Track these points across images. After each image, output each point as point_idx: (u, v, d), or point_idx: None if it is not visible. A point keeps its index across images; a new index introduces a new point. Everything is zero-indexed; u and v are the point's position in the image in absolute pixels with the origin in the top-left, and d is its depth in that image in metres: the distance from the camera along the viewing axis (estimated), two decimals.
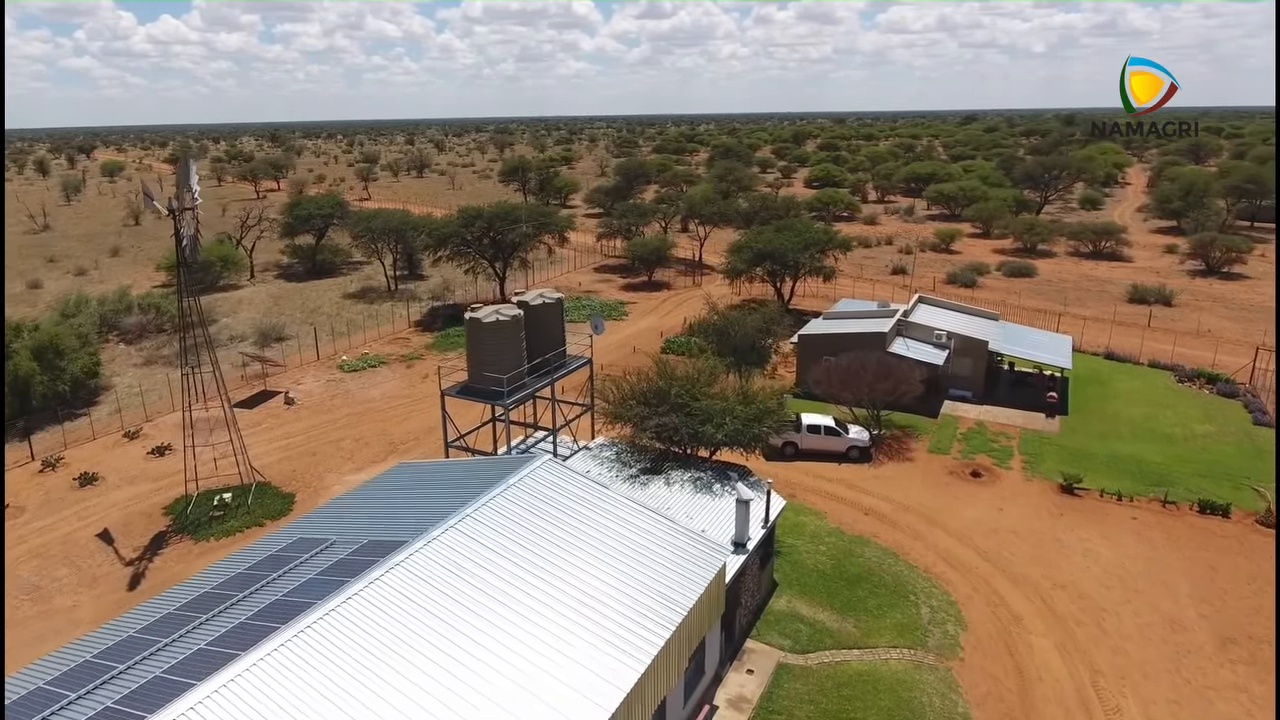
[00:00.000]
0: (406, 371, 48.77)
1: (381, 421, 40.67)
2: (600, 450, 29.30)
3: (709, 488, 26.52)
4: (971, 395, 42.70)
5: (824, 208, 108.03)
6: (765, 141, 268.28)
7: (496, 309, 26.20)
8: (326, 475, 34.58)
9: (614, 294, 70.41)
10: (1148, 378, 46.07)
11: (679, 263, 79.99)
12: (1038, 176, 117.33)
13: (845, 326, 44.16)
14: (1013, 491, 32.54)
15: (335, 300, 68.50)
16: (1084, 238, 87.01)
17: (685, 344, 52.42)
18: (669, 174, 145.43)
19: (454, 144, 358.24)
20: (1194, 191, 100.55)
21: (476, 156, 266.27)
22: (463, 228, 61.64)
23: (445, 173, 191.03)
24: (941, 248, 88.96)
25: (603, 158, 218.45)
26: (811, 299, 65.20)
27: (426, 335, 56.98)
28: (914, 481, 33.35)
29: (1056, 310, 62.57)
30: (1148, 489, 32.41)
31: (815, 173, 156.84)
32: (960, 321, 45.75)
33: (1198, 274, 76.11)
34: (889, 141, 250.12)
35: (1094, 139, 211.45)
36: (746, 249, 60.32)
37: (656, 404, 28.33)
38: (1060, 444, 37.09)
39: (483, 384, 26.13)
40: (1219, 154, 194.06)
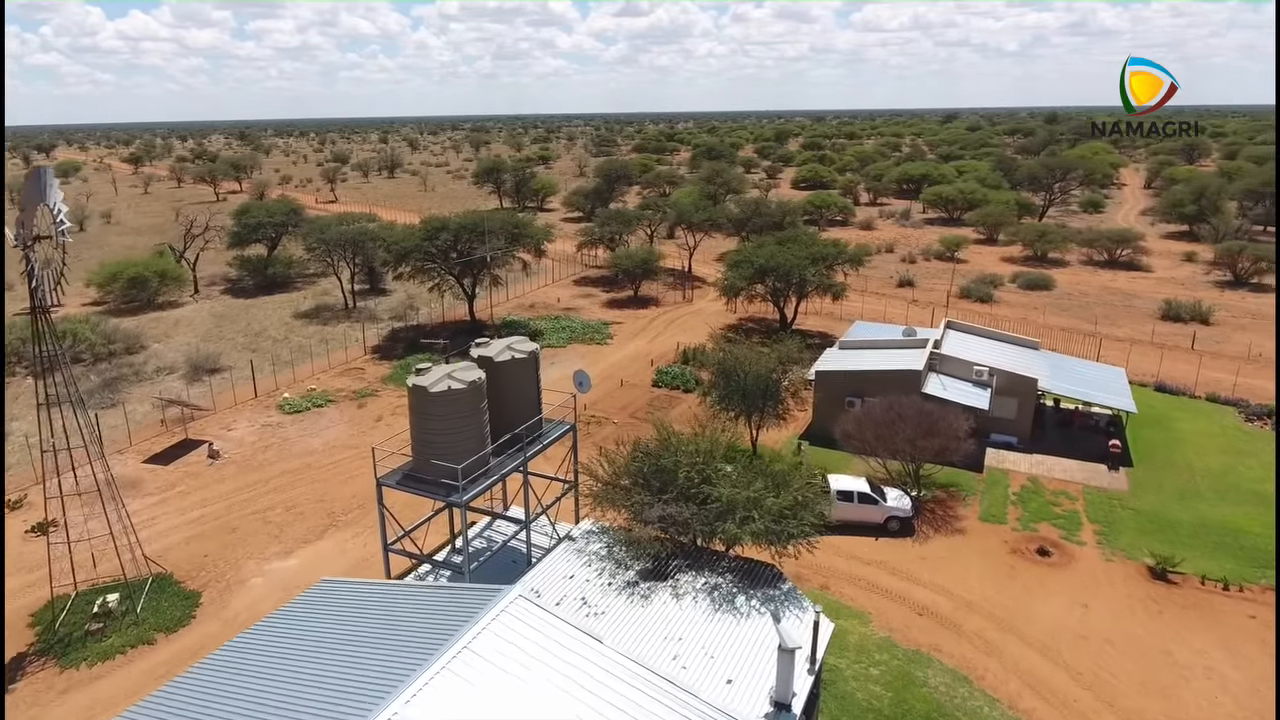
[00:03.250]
0: (357, 413, 41.96)
1: (322, 481, 33.89)
2: (586, 542, 22.86)
3: (730, 602, 20.18)
4: (1017, 442, 36.71)
5: (817, 211, 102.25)
6: (747, 140, 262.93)
7: (449, 372, 19.66)
8: (245, 563, 27.79)
9: (596, 311, 63.89)
10: (1211, 416, 40.35)
11: (667, 273, 73.64)
12: (1041, 178, 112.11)
13: (870, 361, 38.00)
14: (1093, 577, 26.50)
15: (285, 320, 61.36)
16: (1099, 245, 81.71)
17: (680, 375, 46.10)
18: (651, 174, 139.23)
19: (429, 143, 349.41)
20: (1206, 195, 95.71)
21: (451, 156, 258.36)
22: (426, 241, 54.83)
23: (418, 173, 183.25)
24: (947, 256, 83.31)
25: (581, 157, 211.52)
26: (816, 317, 59.14)
27: (384, 364, 50.15)
28: (971, 564, 27.21)
29: (1086, 330, 56.98)
30: (1255, 572, 26.53)
31: (803, 173, 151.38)
32: (999, 353, 39.77)
33: (1225, 285, 70.97)
34: (873, 141, 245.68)
35: (1083, 138, 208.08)
36: (746, 264, 54.07)
37: (659, 488, 21.95)
38: (1133, 507, 31.15)
39: (431, 472, 19.65)
40: (1209, 153, 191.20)
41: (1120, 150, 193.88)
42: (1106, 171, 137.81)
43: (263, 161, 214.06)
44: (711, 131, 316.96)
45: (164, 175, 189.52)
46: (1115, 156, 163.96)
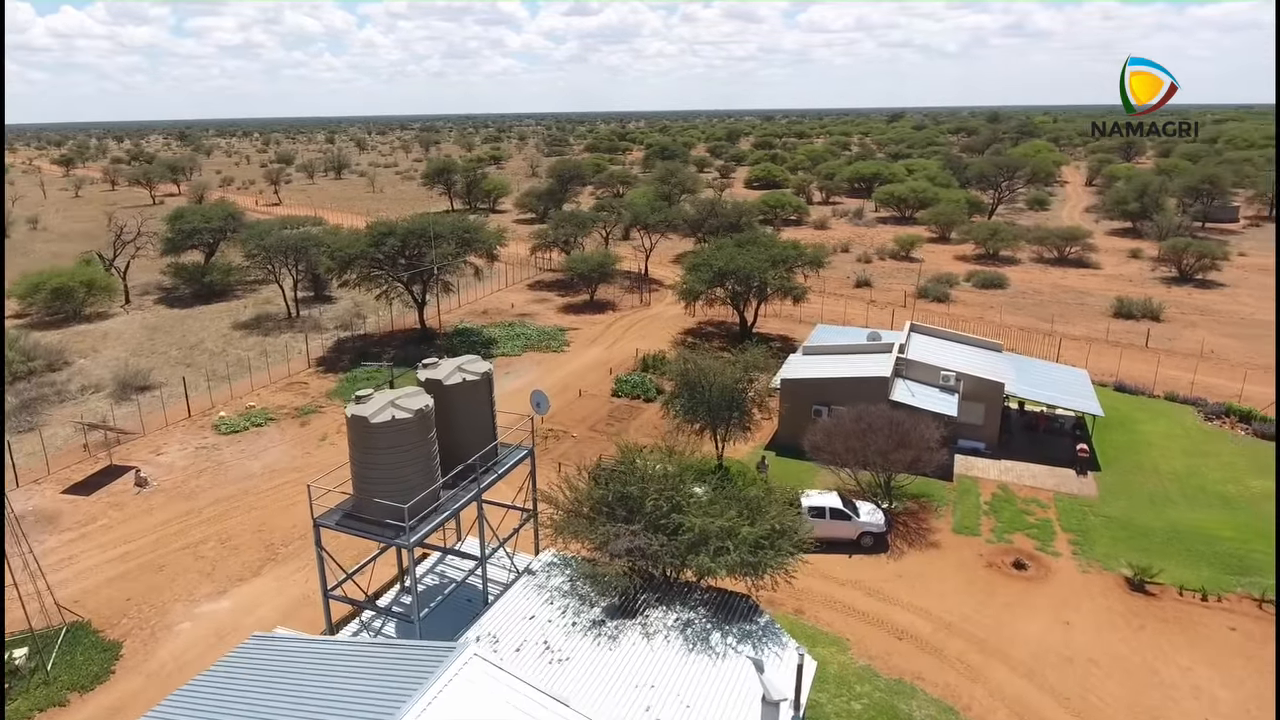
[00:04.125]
0: (300, 432, 39.54)
1: (260, 510, 31.54)
2: (548, 575, 21.23)
3: (705, 640, 18.76)
4: (985, 448, 36.09)
5: (772, 210, 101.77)
6: (699, 139, 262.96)
7: (393, 400, 17.83)
8: (172, 606, 25.44)
9: (552, 317, 62.07)
10: (1172, 416, 40.35)
11: (623, 276, 72.12)
12: (990, 176, 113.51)
13: (836, 367, 37.02)
14: (1071, 590, 25.78)
15: (223, 332, 58.21)
16: (1049, 243, 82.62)
17: (640, 383, 44.63)
18: (604, 174, 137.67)
19: (377, 143, 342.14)
20: (1149, 192, 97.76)
21: (400, 156, 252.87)
22: (372, 247, 52.36)
23: (366, 174, 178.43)
24: (902, 255, 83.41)
25: (533, 157, 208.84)
26: (776, 320, 58.24)
27: (329, 378, 47.65)
28: (948, 581, 26.28)
29: (1043, 329, 57.13)
30: (1230, 580, 26.11)
31: (755, 172, 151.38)
32: (964, 356, 39.15)
33: (1171, 282, 72.17)
34: (823, 140, 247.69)
35: (1025, 137, 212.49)
36: (705, 267, 52.80)
37: (626, 517, 20.42)
38: (1105, 513, 30.65)
39: (375, 511, 17.81)
40: (1144, 151, 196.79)
41: (1061, 148, 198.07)
42: (1050, 170, 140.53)
43: (203, 163, 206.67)
44: (663, 131, 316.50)
45: (97, 178, 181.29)
46: (1057, 154, 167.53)
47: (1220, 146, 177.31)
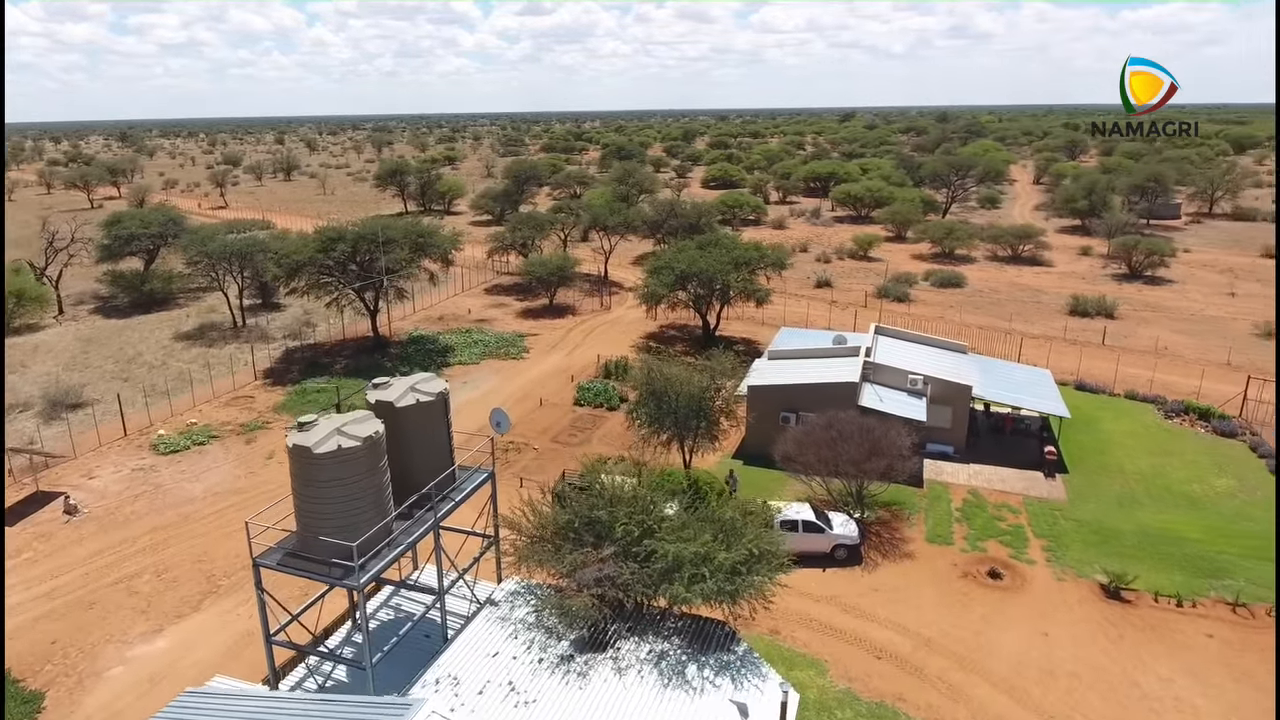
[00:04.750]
0: (245, 450, 37.51)
1: (201, 537, 29.61)
2: (511, 606, 19.97)
3: (681, 673, 17.71)
4: (953, 451, 35.72)
5: (730, 210, 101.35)
6: (655, 139, 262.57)
7: (339, 426, 16.39)
8: (103, 648, 23.51)
9: (511, 322, 60.53)
10: (1133, 415, 40.55)
11: (583, 278, 70.83)
12: (943, 175, 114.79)
13: (803, 373, 36.33)
14: (1048, 600, 25.35)
15: (163, 343, 55.46)
16: (1004, 241, 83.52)
17: (603, 391, 43.47)
18: (561, 175, 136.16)
19: (328, 143, 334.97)
20: (1096, 190, 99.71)
21: (352, 157, 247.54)
22: (321, 253, 50.25)
23: (316, 175, 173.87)
24: (860, 255, 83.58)
25: (489, 157, 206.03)
26: (738, 323, 57.54)
27: (277, 391, 45.52)
28: (924, 593, 25.65)
29: (1003, 328, 57.41)
30: (1202, 584, 25.95)
31: (712, 172, 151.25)
32: (931, 359, 38.80)
33: (1122, 279, 73.37)
34: (778, 139, 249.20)
35: (974, 136, 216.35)
36: (666, 270, 51.86)
37: (594, 542, 19.28)
38: (1075, 517, 30.41)
39: (321, 550, 16.37)
40: (1088, 150, 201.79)
41: (1006, 147, 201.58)
42: (1000, 169, 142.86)
43: (145, 164, 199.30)
44: (619, 130, 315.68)
45: (32, 180, 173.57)
46: (1006, 153, 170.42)
47: (1160, 145, 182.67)
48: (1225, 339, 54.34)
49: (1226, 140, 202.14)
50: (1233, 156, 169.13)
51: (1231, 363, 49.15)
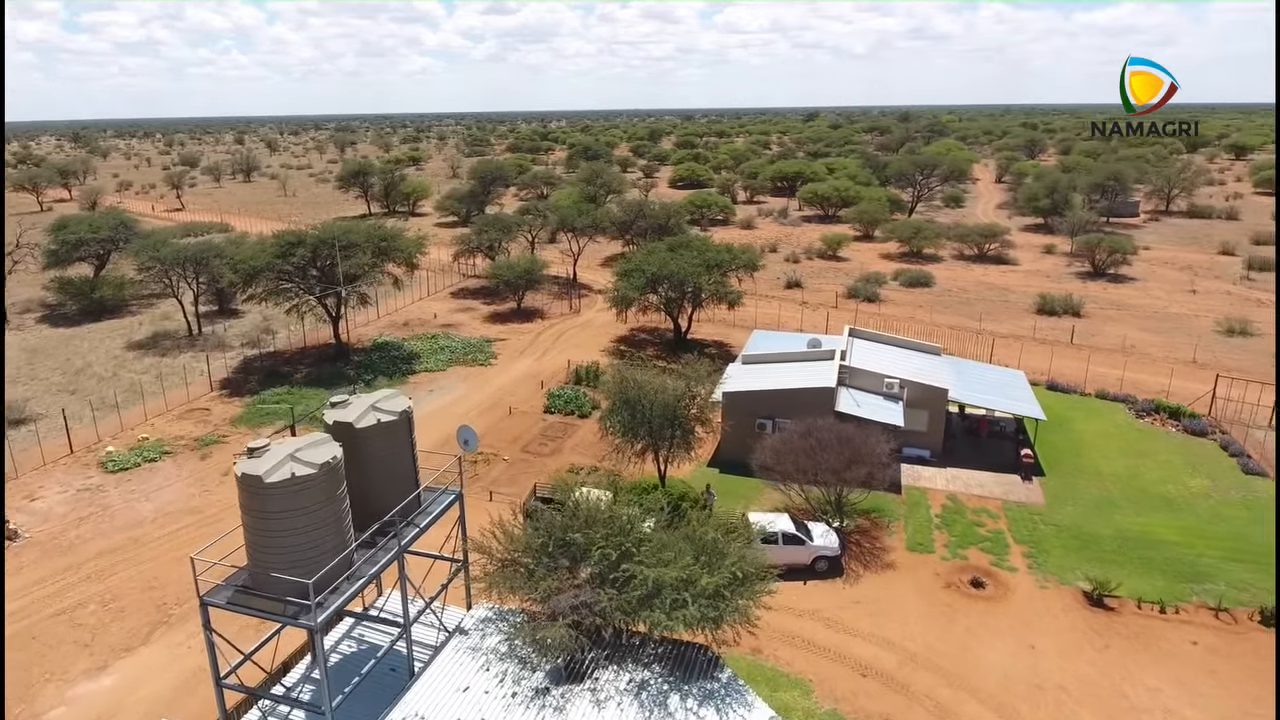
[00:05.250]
0: (199, 466, 35.85)
1: (151, 562, 28.03)
2: (482, 635, 18.94)
3: (663, 705, 16.83)
4: (930, 455, 35.33)
5: (698, 211, 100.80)
6: (621, 139, 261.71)
7: (293, 452, 15.20)
8: (42, 688, 21.95)
9: (478, 327, 59.18)
10: (1105, 415, 40.59)
11: (551, 281, 69.64)
12: (909, 174, 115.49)
13: (778, 378, 35.68)
14: (1032, 609, 24.93)
15: (114, 353, 53.21)
16: (970, 240, 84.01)
17: (574, 398, 42.46)
18: (527, 175, 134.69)
19: (289, 143, 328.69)
20: (1059, 189, 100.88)
21: (314, 157, 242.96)
22: (279, 258, 48.49)
23: (277, 176, 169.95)
24: (829, 255, 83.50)
25: (454, 158, 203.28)
26: (709, 325, 56.83)
27: (234, 402, 43.77)
28: (907, 605, 25.08)
29: (973, 327, 57.45)
30: (1184, 589, 25.75)
31: (680, 172, 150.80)
32: (906, 362, 38.41)
33: (1086, 276, 74.11)
34: (744, 139, 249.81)
35: (936, 136, 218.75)
36: (637, 272, 50.98)
37: (570, 568, 18.32)
38: (1054, 521, 30.14)
39: (272, 587, 15.18)
40: (1047, 149, 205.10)
41: (968, 146, 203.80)
42: (964, 168, 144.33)
43: (99, 166, 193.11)
44: (585, 130, 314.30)
45: None
46: (969, 153, 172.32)
47: (1115, 144, 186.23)
48: (1190, 336, 54.94)
49: (1179, 139, 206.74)
50: (1186, 155, 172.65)
51: (1197, 360, 49.62)
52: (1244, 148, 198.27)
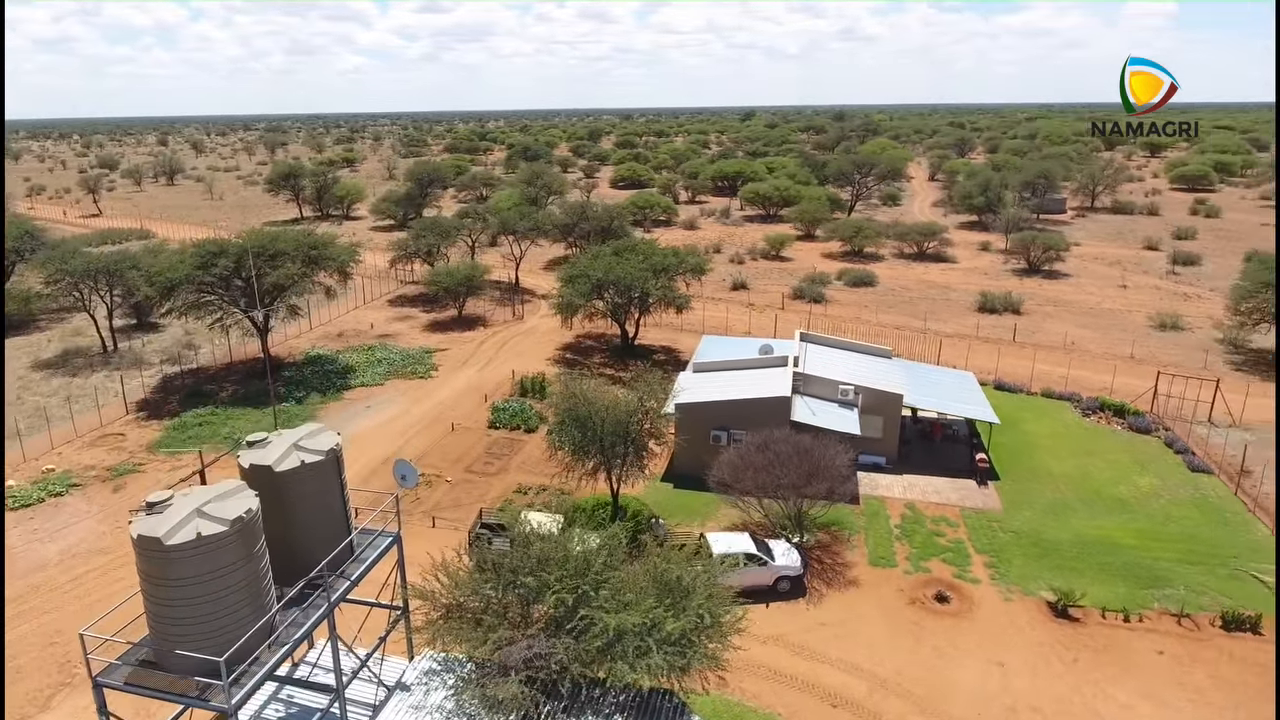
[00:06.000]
0: (112, 499, 33.00)
1: (54, 612, 25.38)
2: (426, 691, 17.29)
3: None
4: (886, 462, 34.79)
5: (641, 212, 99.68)
6: (561, 139, 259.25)
7: (200, 506, 13.31)
8: None
9: (417, 337, 56.83)
10: (1052, 414, 40.79)
11: (493, 286, 67.52)
12: (848, 173, 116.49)
13: (733, 387, 34.65)
14: (998, 624, 24.37)
15: (18, 374, 49.26)
16: (910, 239, 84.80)
17: (520, 411, 40.73)
18: (466, 176, 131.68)
19: (217, 144, 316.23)
20: (991, 187, 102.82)
21: (243, 159, 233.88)
22: (200, 270, 45.42)
23: (203, 179, 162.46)
24: (773, 255, 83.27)
25: (390, 159, 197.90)
26: (657, 330, 55.65)
27: (152, 425, 40.76)
28: (873, 626, 24.24)
29: (918, 327, 57.63)
30: (1147, 594, 25.56)
31: (620, 172, 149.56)
32: (858, 366, 37.84)
33: (1022, 273, 75.40)
34: (683, 138, 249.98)
35: (870, 135, 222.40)
36: (582, 278, 49.47)
37: (522, 613, 16.79)
38: (1013, 528, 29.79)
39: (178, 665, 13.26)
40: (975, 147, 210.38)
41: (900, 145, 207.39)
42: (900, 166, 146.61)
43: (9, 169, 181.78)
44: (524, 130, 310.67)
45: None
46: (903, 151, 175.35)
47: (1038, 142, 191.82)
48: (1125, 332, 56.07)
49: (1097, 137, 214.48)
50: (1106, 153, 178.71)
51: (1135, 356, 50.53)
52: (1158, 145, 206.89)
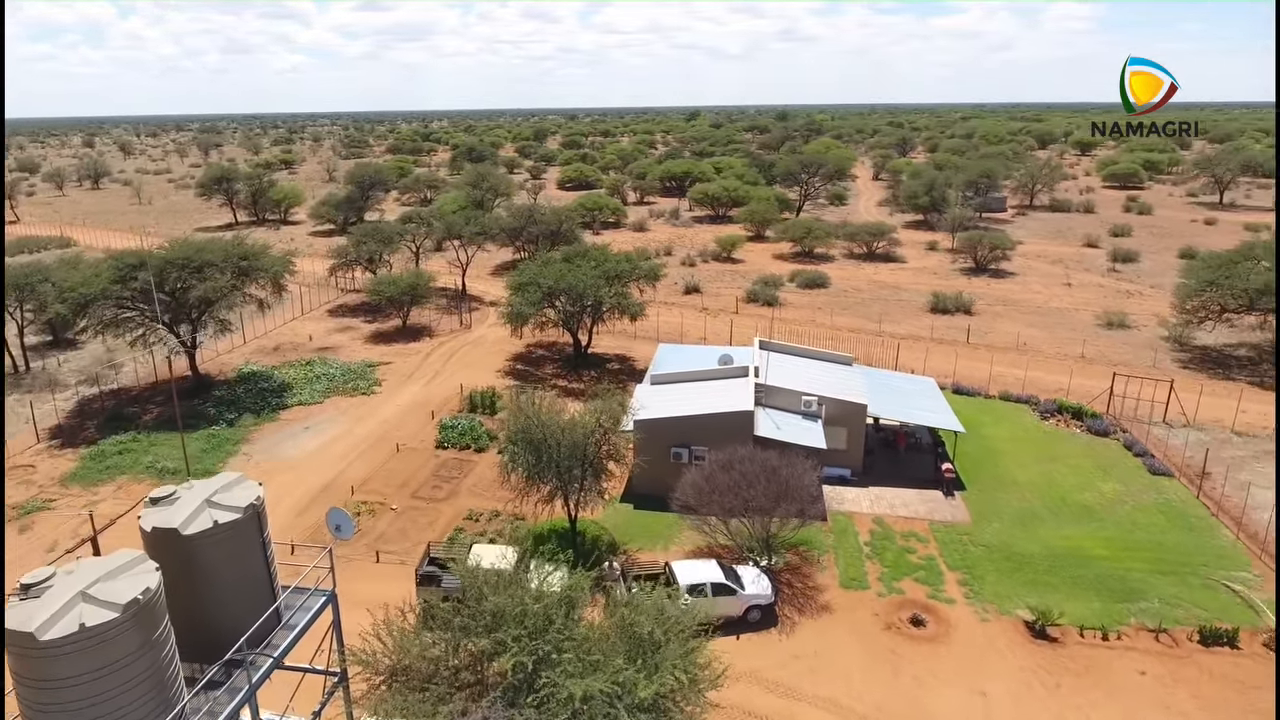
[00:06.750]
0: (17, 542, 29.91)
1: None
2: None
3: None
4: (850, 474, 33.80)
5: (590, 214, 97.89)
6: (506, 139, 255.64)
7: (85, 588, 11.22)
8: None
9: (359, 349, 54.14)
10: (1012, 417, 40.45)
11: (438, 293, 65.08)
12: (796, 173, 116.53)
13: (693, 401, 33.21)
14: (976, 648, 23.43)
15: None
16: (859, 239, 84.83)
17: (469, 429, 38.68)
18: (409, 178, 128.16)
19: (147, 145, 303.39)
20: (936, 187, 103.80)
21: (175, 161, 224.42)
22: (117, 284, 42.17)
23: (131, 182, 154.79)
24: (724, 257, 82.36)
25: (330, 160, 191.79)
26: (610, 337, 54.02)
27: (67, 454, 37.54)
28: (849, 656, 23.05)
29: (872, 329, 57.21)
30: (1122, 609, 24.95)
31: (568, 173, 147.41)
32: (820, 375, 36.81)
33: (970, 272, 75.91)
34: (629, 138, 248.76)
35: (814, 135, 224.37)
36: (532, 286, 47.55)
37: (476, 676, 15.02)
38: (983, 541, 29.03)
39: None
40: (916, 147, 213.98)
41: (844, 143, 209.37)
42: (846, 166, 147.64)
43: None
44: (469, 130, 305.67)
45: None
46: (848, 151, 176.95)
47: (975, 141, 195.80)
48: (1074, 331, 56.51)
49: (1031, 136, 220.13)
50: (1038, 152, 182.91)
51: (1086, 355, 50.82)
52: (1089, 144, 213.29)
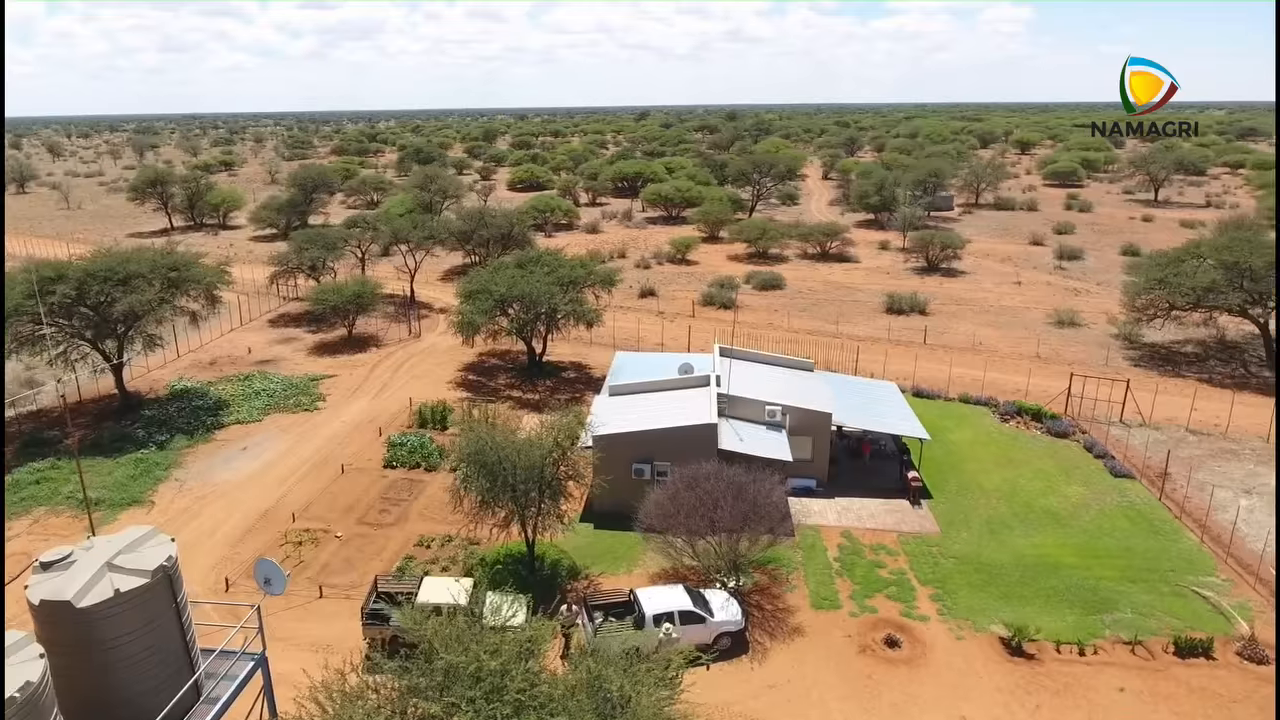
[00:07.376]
0: None
1: None
2: None
3: None
4: (816, 485, 32.97)
5: (542, 216, 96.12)
6: (455, 139, 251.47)
7: None
8: None
9: (302, 361, 51.65)
10: (972, 420, 40.17)
11: (386, 300, 62.73)
12: (748, 174, 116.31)
13: (654, 414, 31.95)
14: (954, 669, 22.66)
15: None
16: (813, 239, 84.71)
17: (419, 446, 36.84)
18: (355, 180, 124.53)
19: (78, 147, 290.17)
20: (886, 186, 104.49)
21: (108, 163, 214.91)
22: (31, 299, 39.19)
23: (59, 186, 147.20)
24: (679, 259, 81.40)
25: (272, 162, 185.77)
26: (565, 344, 52.43)
27: None
28: (825, 684, 22.07)
29: (830, 331, 56.78)
30: (1096, 620, 24.49)
31: (518, 174, 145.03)
32: (782, 382, 35.90)
33: (922, 272, 76.26)
34: (580, 138, 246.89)
35: (764, 135, 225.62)
36: (484, 294, 45.82)
37: None
38: (953, 553, 28.40)
39: None
40: (862, 146, 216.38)
41: (793, 143, 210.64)
42: (796, 166, 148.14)
43: None
44: (416, 131, 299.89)
45: None
46: (798, 151, 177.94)
47: (920, 141, 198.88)
48: (1027, 330, 56.90)
49: (973, 135, 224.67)
50: (980, 151, 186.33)
51: (1041, 355, 51.07)
52: (1028, 143, 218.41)
